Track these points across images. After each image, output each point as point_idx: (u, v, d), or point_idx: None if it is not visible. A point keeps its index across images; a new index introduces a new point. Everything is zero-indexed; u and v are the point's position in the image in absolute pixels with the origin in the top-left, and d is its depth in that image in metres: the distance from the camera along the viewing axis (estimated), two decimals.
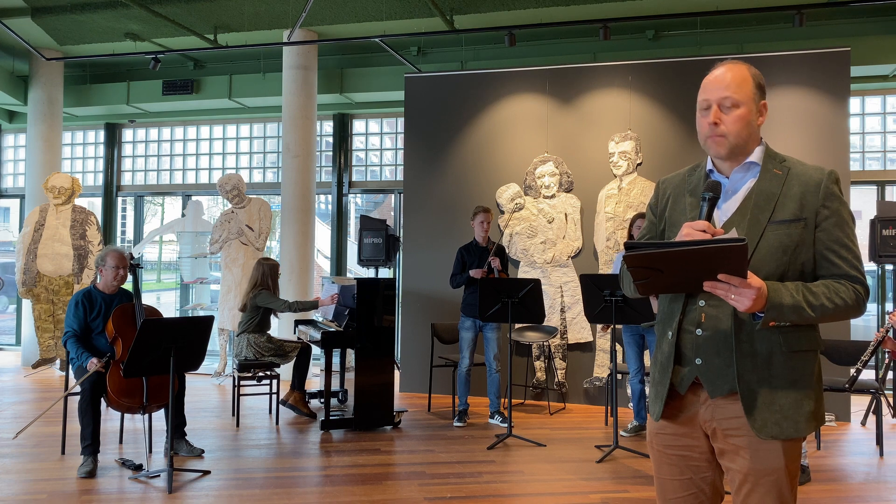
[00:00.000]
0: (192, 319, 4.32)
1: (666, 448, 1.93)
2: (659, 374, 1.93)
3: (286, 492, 4.07)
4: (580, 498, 4.04)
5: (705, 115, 1.89)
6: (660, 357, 1.93)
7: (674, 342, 1.87)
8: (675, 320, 1.87)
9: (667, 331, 1.90)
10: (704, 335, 1.82)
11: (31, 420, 5.27)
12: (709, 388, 1.82)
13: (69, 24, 7.97)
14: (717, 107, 1.86)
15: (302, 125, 7.91)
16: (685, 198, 1.96)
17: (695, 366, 1.83)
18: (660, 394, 1.91)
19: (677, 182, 2.02)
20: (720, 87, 1.88)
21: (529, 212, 6.95)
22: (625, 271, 1.94)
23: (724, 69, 1.91)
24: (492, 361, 5.82)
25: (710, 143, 1.88)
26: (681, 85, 6.58)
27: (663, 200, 2.03)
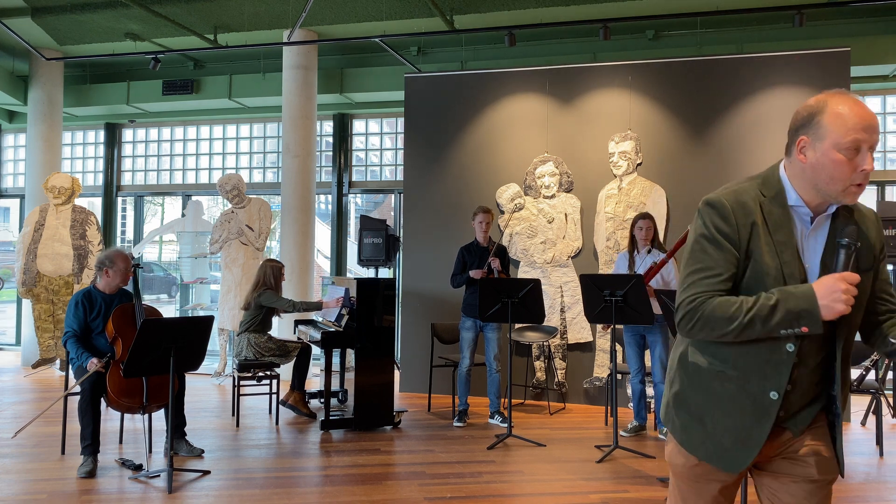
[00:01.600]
0: (192, 319, 4.32)
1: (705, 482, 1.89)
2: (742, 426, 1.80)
3: (286, 492, 4.07)
4: (580, 498, 4.04)
5: (854, 157, 1.67)
6: (745, 410, 1.80)
7: (780, 403, 1.77)
8: (784, 381, 1.76)
9: (766, 388, 1.77)
10: (794, 391, 1.79)
11: (30, 420, 5.26)
12: (794, 431, 1.83)
13: (69, 24, 7.97)
14: (869, 150, 1.68)
15: (302, 125, 7.91)
16: (769, 233, 1.76)
17: (778, 416, 1.80)
18: (748, 448, 1.80)
19: (752, 207, 1.78)
20: (873, 126, 1.68)
21: (529, 212, 6.95)
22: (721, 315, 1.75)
23: (862, 103, 1.71)
24: (492, 361, 5.82)
25: (852, 192, 1.71)
26: (681, 85, 6.58)
27: (745, 230, 1.76)
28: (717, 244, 1.77)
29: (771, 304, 1.68)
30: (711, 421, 1.83)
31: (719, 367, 1.83)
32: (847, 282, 1.65)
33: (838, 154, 1.67)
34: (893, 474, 4.60)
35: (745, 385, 1.79)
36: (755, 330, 1.70)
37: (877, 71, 7.32)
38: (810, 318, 1.65)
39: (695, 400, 1.87)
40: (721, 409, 1.82)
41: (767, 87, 6.35)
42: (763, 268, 1.75)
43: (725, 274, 1.77)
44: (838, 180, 1.69)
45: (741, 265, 1.78)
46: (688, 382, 1.89)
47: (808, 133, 1.74)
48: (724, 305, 1.73)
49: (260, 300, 5.90)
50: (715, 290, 1.76)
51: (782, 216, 1.77)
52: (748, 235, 1.76)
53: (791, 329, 1.67)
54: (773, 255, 1.75)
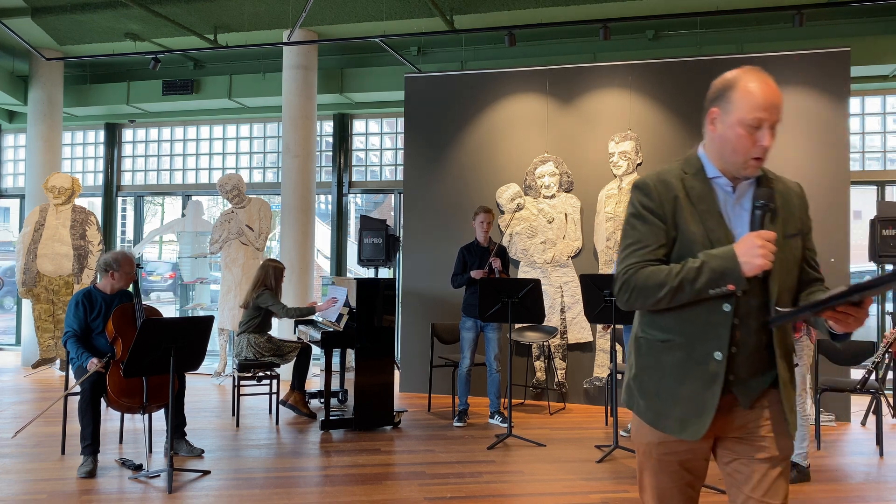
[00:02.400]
0: (192, 319, 4.32)
1: (668, 456, 1.93)
2: (693, 391, 1.85)
3: (286, 492, 4.07)
4: (580, 498, 4.04)
5: (755, 132, 1.81)
6: (694, 374, 1.85)
7: (725, 363, 1.82)
8: (725, 340, 1.82)
9: (710, 350, 1.83)
10: (739, 352, 1.84)
11: (30, 420, 5.26)
12: (742, 400, 1.87)
13: (69, 24, 7.97)
14: (769, 129, 1.81)
15: (302, 125, 7.91)
16: (693, 204, 1.87)
17: (728, 382, 1.85)
18: (702, 413, 1.84)
19: (675, 184, 1.90)
20: (776, 105, 1.83)
21: (529, 212, 6.95)
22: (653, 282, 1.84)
23: (771, 82, 1.84)
24: (492, 361, 5.82)
25: (753, 165, 1.83)
26: (681, 85, 6.58)
27: (668, 204, 1.88)
28: (643, 219, 1.89)
29: (696, 267, 1.78)
30: (666, 392, 1.89)
31: (665, 336, 1.89)
32: (763, 238, 1.73)
33: (741, 129, 1.81)
34: (893, 474, 4.60)
35: (691, 351, 1.85)
36: (685, 293, 1.79)
37: (877, 71, 7.32)
38: (733, 275, 1.74)
39: (650, 375, 1.93)
40: (673, 378, 1.88)
41: None
42: (690, 236, 1.85)
43: (654, 245, 1.87)
44: (739, 153, 1.82)
45: (669, 237, 1.88)
46: (642, 360, 1.95)
47: (719, 105, 1.89)
48: (655, 273, 1.84)
49: (258, 301, 5.89)
50: (646, 261, 1.87)
51: (704, 188, 1.88)
52: (672, 209, 1.87)
53: (718, 288, 1.76)
54: (697, 223, 1.85)
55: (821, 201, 6.14)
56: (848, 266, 6.17)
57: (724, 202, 1.88)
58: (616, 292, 1.93)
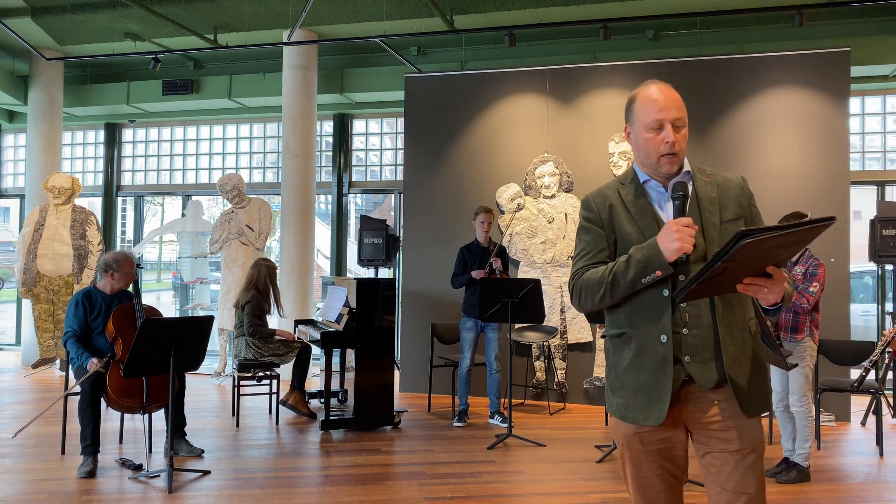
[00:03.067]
0: (192, 319, 4.32)
1: (646, 446, 1.99)
2: (649, 377, 1.95)
3: (286, 492, 4.07)
4: (580, 498, 4.04)
5: (658, 133, 1.98)
6: (646, 361, 1.96)
7: (671, 344, 1.92)
8: (667, 322, 1.93)
9: (656, 334, 1.94)
10: (691, 333, 1.93)
11: (30, 420, 5.27)
12: (700, 382, 1.93)
13: (69, 24, 7.97)
14: (671, 126, 1.97)
15: (302, 125, 7.91)
16: (627, 209, 2.04)
17: (683, 364, 1.93)
18: (660, 397, 1.93)
19: (611, 195, 2.08)
20: (672, 106, 1.99)
21: (529, 212, 6.95)
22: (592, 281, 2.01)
23: (666, 88, 2.02)
24: (492, 361, 5.82)
25: (664, 162, 1.99)
26: (681, 85, 6.50)
27: (605, 213, 2.07)
28: (585, 230, 2.11)
29: (625, 260, 1.95)
30: (630, 383, 1.99)
31: (620, 330, 2.03)
32: (679, 224, 1.86)
33: (647, 133, 2.00)
34: (893, 474, 4.60)
35: (643, 340, 1.96)
36: (620, 285, 1.95)
37: (877, 71, 7.32)
38: (656, 261, 1.88)
39: (615, 371, 2.05)
40: (632, 369, 1.99)
41: (767, 87, 6.35)
42: (627, 237, 2.02)
43: (595, 250, 2.07)
44: (651, 154, 2.00)
45: (610, 241, 2.06)
46: (609, 359, 2.10)
47: (628, 121, 2.09)
48: (594, 273, 2.02)
49: (244, 308, 5.89)
50: (588, 265, 2.06)
51: (637, 193, 2.06)
52: (609, 216, 2.06)
53: (647, 276, 1.90)
54: (631, 223, 2.02)
55: (821, 201, 6.14)
56: (848, 266, 6.17)
57: (658, 202, 2.05)
58: (571, 298, 2.11)
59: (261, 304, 5.95)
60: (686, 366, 1.93)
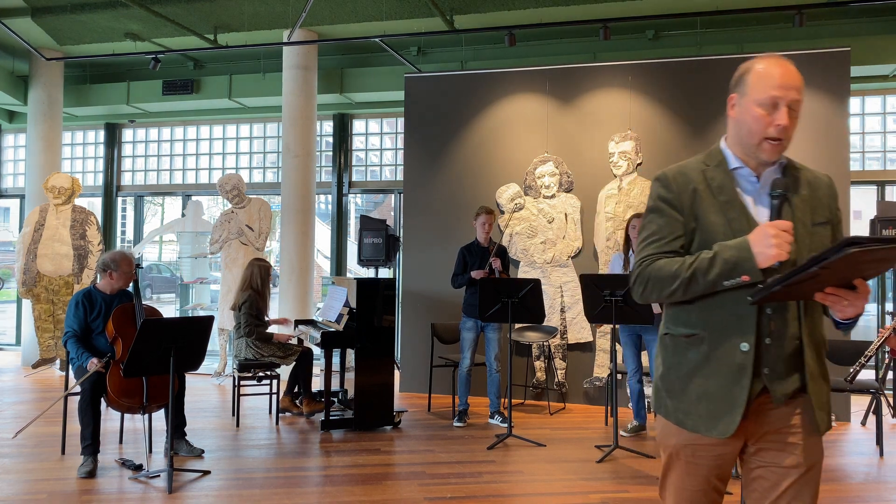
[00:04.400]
0: (192, 319, 4.32)
1: (699, 459, 1.85)
2: (720, 387, 1.78)
3: (286, 492, 4.07)
4: (580, 498, 4.04)
5: (771, 113, 1.77)
6: (720, 368, 1.79)
7: (752, 354, 1.76)
8: (751, 330, 1.76)
9: (736, 341, 1.78)
10: (774, 344, 1.77)
11: (30, 420, 5.26)
12: (777, 395, 1.79)
13: (69, 24, 7.97)
14: (786, 108, 1.77)
15: (302, 125, 7.91)
16: (713, 196, 1.84)
17: (762, 376, 1.78)
18: (731, 409, 1.77)
19: (695, 176, 1.87)
20: (793, 86, 1.78)
21: (529, 212, 6.95)
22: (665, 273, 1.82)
23: (789, 65, 1.81)
24: (492, 361, 5.82)
25: (767, 147, 1.79)
26: (681, 85, 6.57)
27: (686, 196, 1.86)
28: (660, 211, 1.89)
29: (709, 258, 1.76)
30: (694, 389, 1.83)
31: (690, 331, 1.84)
32: (777, 228, 1.69)
33: (757, 108, 1.78)
34: (893, 474, 4.60)
35: (717, 344, 1.80)
36: (698, 284, 1.76)
37: (877, 71, 7.32)
38: (746, 266, 1.71)
39: (676, 374, 1.87)
40: (700, 374, 1.82)
41: None
42: (711, 227, 1.82)
43: (670, 237, 1.86)
44: (755, 133, 1.78)
45: (688, 228, 1.85)
46: (668, 359, 1.90)
47: (736, 90, 1.87)
48: (669, 264, 1.82)
49: (241, 309, 5.88)
50: (660, 253, 1.85)
51: (725, 179, 1.85)
52: (690, 200, 1.85)
53: (732, 279, 1.73)
54: (718, 213, 1.82)
55: None
56: None
57: (749, 193, 1.85)
58: (631, 285, 1.91)
59: (257, 304, 5.94)
60: (764, 378, 1.77)
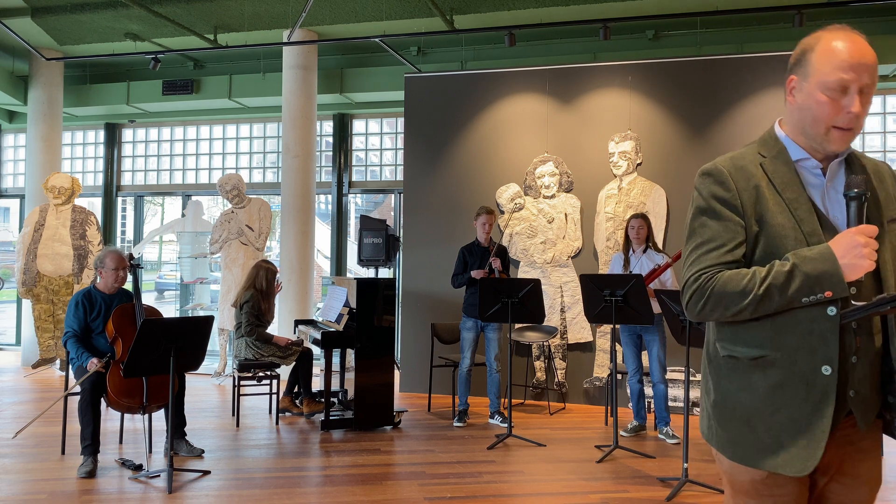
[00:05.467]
0: (192, 319, 4.32)
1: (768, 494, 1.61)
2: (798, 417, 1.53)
3: (286, 492, 4.07)
4: (580, 498, 4.04)
5: (840, 98, 1.51)
6: (796, 395, 1.53)
7: (836, 379, 1.51)
8: (833, 350, 1.51)
9: (816, 364, 1.52)
10: (860, 362, 1.54)
11: (30, 420, 5.26)
12: (863, 421, 1.56)
13: (69, 24, 7.97)
14: (858, 93, 1.51)
15: (302, 125, 7.91)
16: (777, 193, 1.58)
17: (848, 399, 1.54)
18: (811, 443, 1.52)
19: (753, 170, 1.61)
20: (865, 65, 1.51)
21: (529, 212, 6.95)
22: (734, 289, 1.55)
23: (859, 39, 1.53)
24: (492, 361, 5.82)
25: (836, 137, 1.54)
26: (681, 85, 6.57)
27: (748, 194, 1.59)
28: (716, 214, 1.61)
29: (786, 271, 1.49)
30: (763, 421, 1.57)
31: (757, 352, 1.57)
32: (865, 235, 1.46)
33: (822, 94, 1.54)
34: (893, 474, 4.59)
35: (791, 367, 1.54)
36: (773, 302, 1.51)
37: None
38: (832, 281, 1.46)
39: (738, 401, 1.60)
40: (771, 403, 1.56)
41: (767, 87, 6.35)
42: (778, 230, 1.56)
43: (730, 244, 1.59)
44: (821, 121, 1.55)
45: (751, 233, 1.59)
46: (725, 384, 1.63)
47: (798, 72, 1.64)
48: (735, 278, 1.54)
49: (243, 311, 5.88)
50: (722, 263, 1.58)
51: (788, 173, 1.60)
52: (753, 199, 1.59)
53: (813, 296, 1.48)
54: (786, 215, 1.56)
55: None
56: None
57: (815, 188, 1.60)
58: (686, 302, 1.61)
59: (259, 305, 5.94)
60: (850, 402, 1.53)
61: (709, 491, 4.10)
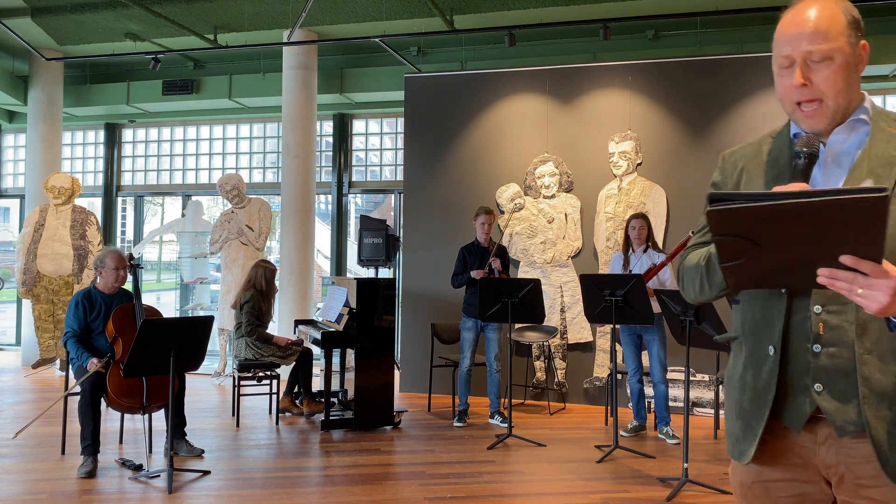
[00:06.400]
0: (192, 319, 4.32)
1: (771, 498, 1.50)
2: (749, 402, 1.47)
3: (286, 492, 4.07)
4: (580, 498, 4.04)
5: (786, 75, 1.43)
6: (752, 381, 1.47)
7: (778, 360, 1.42)
8: (778, 331, 1.42)
9: (765, 345, 1.44)
10: (826, 352, 1.38)
11: (30, 420, 5.26)
12: (836, 423, 1.38)
13: (69, 24, 7.97)
14: (802, 64, 1.40)
15: (302, 125, 7.91)
16: (765, 171, 1.52)
17: (813, 395, 1.39)
18: (752, 429, 1.46)
19: (750, 153, 1.56)
20: (805, 35, 1.38)
21: (529, 212, 6.95)
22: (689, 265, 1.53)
23: (804, 6, 1.41)
24: (492, 361, 5.82)
25: (800, 114, 1.44)
26: (681, 85, 6.57)
27: (734, 176, 1.56)
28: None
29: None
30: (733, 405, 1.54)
31: (733, 334, 1.58)
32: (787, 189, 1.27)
33: (776, 74, 1.46)
34: None
35: (752, 350, 1.49)
36: (716, 273, 1.42)
37: (877, 71, 7.32)
38: None
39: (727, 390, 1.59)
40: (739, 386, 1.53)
41: (767, 87, 6.35)
42: None
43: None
44: (784, 101, 1.46)
45: None
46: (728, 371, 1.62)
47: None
48: (694, 256, 1.54)
49: (243, 311, 5.88)
50: (697, 244, 1.58)
51: (783, 149, 1.51)
52: (736, 182, 1.55)
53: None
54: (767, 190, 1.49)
55: None
56: None
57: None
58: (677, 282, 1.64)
59: (259, 305, 5.94)
60: (818, 396, 1.38)
61: (709, 491, 4.10)
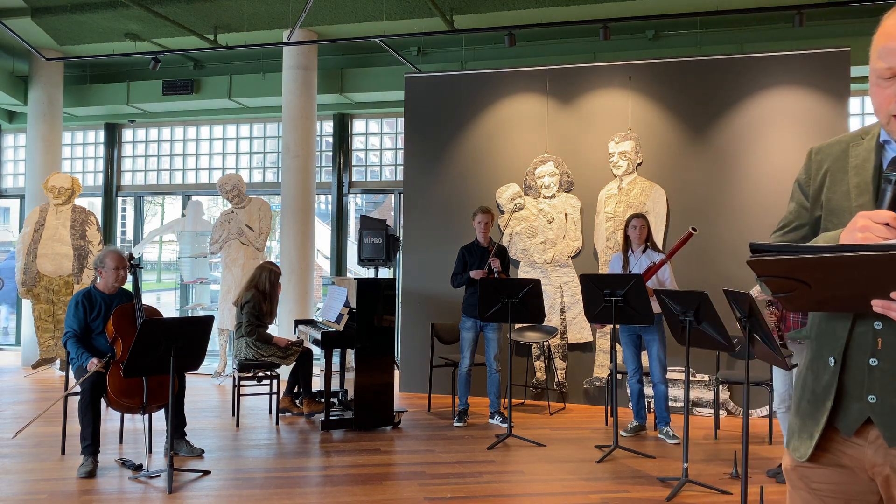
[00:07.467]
0: (192, 319, 4.32)
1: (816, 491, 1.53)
2: (809, 404, 1.51)
3: (286, 492, 4.07)
4: (580, 498, 4.04)
5: (886, 85, 1.38)
6: (812, 384, 1.51)
7: (837, 371, 1.45)
8: (840, 343, 1.45)
9: (826, 355, 1.48)
10: (881, 366, 1.40)
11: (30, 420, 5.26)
12: (886, 433, 1.41)
13: (69, 24, 7.97)
14: None
15: (302, 125, 7.91)
16: (848, 177, 1.48)
17: (867, 404, 1.42)
18: (808, 431, 1.50)
19: (837, 154, 1.52)
20: None
21: (529, 212, 6.95)
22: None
23: None
24: (492, 361, 5.82)
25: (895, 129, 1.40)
26: (681, 85, 6.57)
27: (818, 177, 1.53)
28: (793, 195, 1.61)
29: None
30: (796, 401, 1.59)
31: (807, 336, 1.58)
32: (872, 220, 1.29)
33: (874, 82, 1.41)
34: None
35: (815, 356, 1.52)
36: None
37: None
38: None
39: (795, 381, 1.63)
40: (800, 385, 1.56)
41: (767, 87, 6.35)
42: (835, 214, 1.49)
43: (791, 225, 1.60)
44: (879, 111, 1.41)
45: (813, 217, 1.55)
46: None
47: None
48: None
49: (244, 310, 5.88)
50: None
51: (868, 156, 1.47)
52: (820, 184, 1.53)
53: None
54: (846, 199, 1.48)
55: None
56: None
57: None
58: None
59: (260, 306, 5.94)
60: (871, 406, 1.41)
61: (709, 491, 4.10)
